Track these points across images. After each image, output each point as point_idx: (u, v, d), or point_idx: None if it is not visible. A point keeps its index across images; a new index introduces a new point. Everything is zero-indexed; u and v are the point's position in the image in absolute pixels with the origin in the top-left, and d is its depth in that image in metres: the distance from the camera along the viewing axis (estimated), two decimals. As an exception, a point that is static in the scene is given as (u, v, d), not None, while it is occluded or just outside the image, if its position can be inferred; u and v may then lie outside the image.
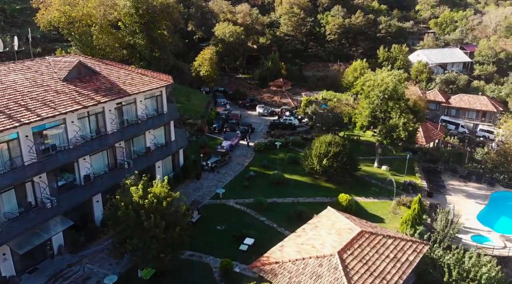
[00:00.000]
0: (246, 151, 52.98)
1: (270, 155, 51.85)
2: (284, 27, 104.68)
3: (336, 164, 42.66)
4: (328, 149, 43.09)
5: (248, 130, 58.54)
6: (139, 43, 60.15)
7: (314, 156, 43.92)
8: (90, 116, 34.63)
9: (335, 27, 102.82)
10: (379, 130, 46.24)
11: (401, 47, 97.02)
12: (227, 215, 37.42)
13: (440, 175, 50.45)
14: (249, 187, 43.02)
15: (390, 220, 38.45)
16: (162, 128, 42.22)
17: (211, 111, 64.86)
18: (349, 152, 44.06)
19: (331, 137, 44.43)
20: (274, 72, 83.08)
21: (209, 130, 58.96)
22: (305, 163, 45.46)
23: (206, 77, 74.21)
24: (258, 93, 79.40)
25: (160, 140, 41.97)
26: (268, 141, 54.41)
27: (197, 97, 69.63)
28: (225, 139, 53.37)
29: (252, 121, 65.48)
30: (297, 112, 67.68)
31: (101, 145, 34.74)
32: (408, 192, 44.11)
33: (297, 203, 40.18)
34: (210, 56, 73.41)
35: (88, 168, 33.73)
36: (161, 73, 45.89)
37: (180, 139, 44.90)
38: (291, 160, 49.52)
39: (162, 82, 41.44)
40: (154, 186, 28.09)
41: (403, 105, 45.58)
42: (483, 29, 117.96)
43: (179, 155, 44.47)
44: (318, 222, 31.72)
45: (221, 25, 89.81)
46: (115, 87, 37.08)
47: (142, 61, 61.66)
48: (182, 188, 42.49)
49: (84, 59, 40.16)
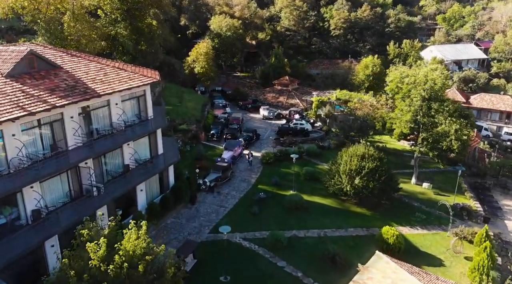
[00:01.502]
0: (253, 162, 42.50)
1: (281, 168, 41.52)
2: (285, 21, 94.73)
3: (372, 184, 32.42)
4: (361, 165, 32.83)
5: (252, 137, 48.04)
6: (121, 34, 49.34)
7: (342, 173, 33.63)
8: (42, 126, 24.03)
9: (340, 21, 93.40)
10: (421, 139, 36.08)
11: (413, 43, 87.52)
12: (233, 258, 26.96)
13: (490, 192, 40.48)
14: (260, 214, 32.64)
15: (451, 262, 28.29)
16: (145, 139, 31.66)
17: (208, 115, 54.34)
18: (387, 168, 33.88)
19: (364, 148, 34.12)
20: (278, 69, 72.52)
21: (206, 138, 48.37)
22: (329, 181, 35.13)
23: (202, 75, 63.49)
24: (261, 92, 68.79)
25: (143, 154, 31.40)
26: (278, 151, 44.00)
27: (191, 97, 58.76)
28: (225, 149, 42.79)
29: (256, 126, 54.96)
30: (308, 114, 57.26)
31: (58, 166, 24.10)
32: (462, 218, 34.11)
33: (325, 238, 29.89)
34: (206, 50, 62.69)
35: (37, 200, 23.10)
36: (146, 68, 35.45)
37: (170, 151, 34.37)
38: (308, 176, 39.15)
39: (146, 78, 30.89)
40: (126, 238, 17.64)
41: (451, 107, 35.48)
42: (493, 25, 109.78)
43: (169, 172, 33.91)
44: (369, 279, 21.47)
45: (217, 18, 79.56)
46: (80, 86, 26.50)
47: (126, 56, 50.95)
48: (172, 217, 32.03)
49: (42, 48, 29.58)
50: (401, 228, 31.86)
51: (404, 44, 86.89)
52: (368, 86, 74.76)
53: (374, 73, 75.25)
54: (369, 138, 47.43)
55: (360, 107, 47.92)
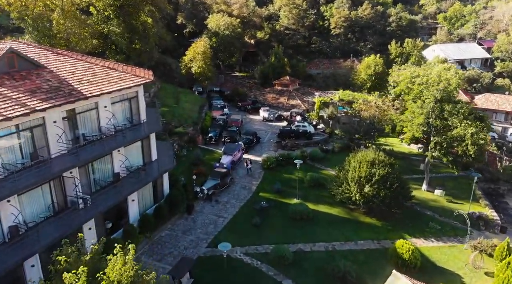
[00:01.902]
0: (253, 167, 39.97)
1: (283, 174, 38.99)
2: (285, 19, 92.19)
3: (383, 192, 29.89)
4: (371, 171, 30.28)
5: (252, 140, 45.39)
6: (114, 31, 46.60)
7: (351, 181, 31.08)
8: (20, 133, 21.40)
9: (341, 20, 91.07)
10: (434, 143, 33.55)
11: (415, 42, 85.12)
12: (234, 277, 24.41)
13: (505, 198, 38.07)
14: (262, 226, 30.01)
15: (471, 279, 25.82)
16: (138, 144, 29.02)
17: (205, 116, 51.69)
18: (399, 174, 31.36)
19: (374, 153, 31.56)
20: (277, 69, 69.81)
21: (203, 141, 45.74)
22: (337, 189, 32.57)
23: (199, 75, 60.79)
24: (261, 93, 66.07)
25: (135, 161, 28.76)
26: (280, 155, 41.44)
27: (188, 98, 56.06)
28: (224, 154, 40.14)
29: (256, 128, 52.33)
30: (310, 116, 54.61)
31: (39, 176, 21.43)
32: (479, 228, 31.69)
33: (334, 253, 27.34)
34: (203, 49, 59.93)
35: (15, 215, 20.48)
36: (140, 68, 32.85)
37: (165, 157, 31.75)
38: (313, 182, 36.60)
39: (138, 79, 28.25)
40: (110, 265, 15.03)
41: (465, 109, 32.99)
42: (495, 24, 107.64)
43: (163, 180, 31.29)
44: (388, 305, 18.96)
45: (214, 16, 76.83)
46: (64, 87, 23.89)
47: (119, 55, 48.26)
48: (167, 229, 29.42)
49: (25, 46, 26.95)
50: (414, 240, 29.36)
51: (406, 43, 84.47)
52: (370, 86, 72.63)
53: (377, 73, 73.13)
54: (375, 141, 44.75)
55: (365, 108, 45.40)
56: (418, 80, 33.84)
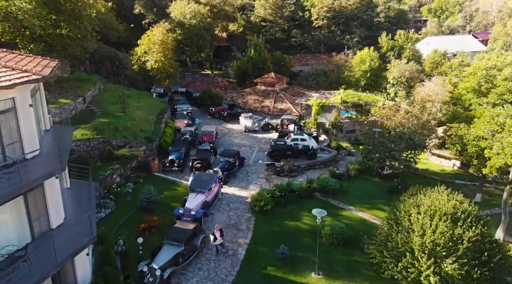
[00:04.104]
0: (237, 210, 25.24)
1: (285, 220, 24.40)
2: (260, 10, 78.31)
3: (478, 272, 15.86)
4: (453, 234, 16.17)
5: (234, 164, 30.29)
6: (23, 8, 30.35)
7: (419, 251, 16.79)
8: None
9: (323, 10, 78.39)
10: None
11: (408, 34, 73.36)
12: None
13: None
14: None
15: None
16: (16, 204, 13.68)
17: (165, 129, 36.29)
18: (493, 236, 17.47)
19: (453, 199, 17.47)
20: (258, 65, 54.88)
21: (161, 167, 30.37)
22: (390, 263, 18.17)
23: (157, 72, 45.07)
24: (239, 95, 50.74)
25: (7, 240, 13.39)
26: (276, 188, 26.70)
27: (142, 103, 39.90)
28: (192, 191, 24.79)
29: (236, 143, 37.31)
30: (307, 124, 39.91)
31: None
32: None
33: None
34: (162, 37, 44.21)
35: None
36: (44, 58, 17.52)
37: (80, 219, 16.42)
38: (338, 238, 22.10)
39: (20, 75, 12.84)
40: None
41: None
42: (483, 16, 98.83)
43: (76, 264, 16.01)
44: None
45: (178, 3, 61.33)
46: None
47: (34, 43, 32.13)
48: None
49: None
50: None
51: (398, 35, 72.49)
52: (365, 84, 60.19)
53: (372, 68, 60.87)
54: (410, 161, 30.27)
55: (391, 115, 31.41)
56: (508, 71, 20.17)
